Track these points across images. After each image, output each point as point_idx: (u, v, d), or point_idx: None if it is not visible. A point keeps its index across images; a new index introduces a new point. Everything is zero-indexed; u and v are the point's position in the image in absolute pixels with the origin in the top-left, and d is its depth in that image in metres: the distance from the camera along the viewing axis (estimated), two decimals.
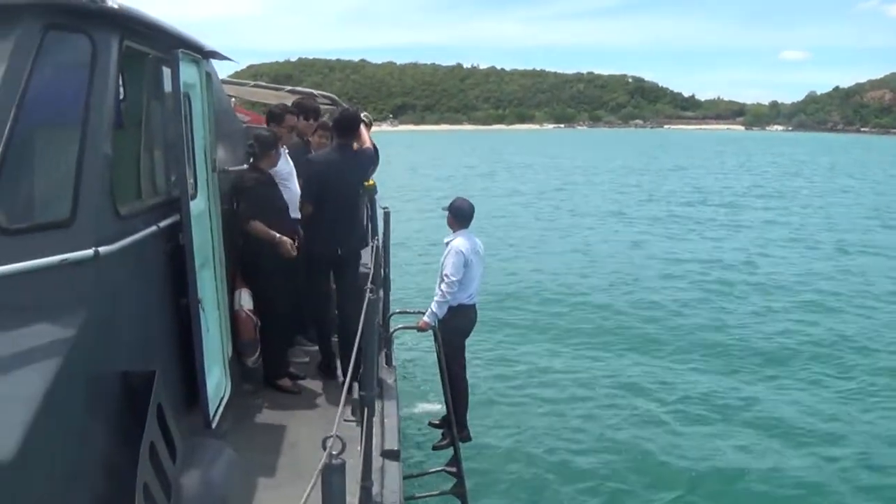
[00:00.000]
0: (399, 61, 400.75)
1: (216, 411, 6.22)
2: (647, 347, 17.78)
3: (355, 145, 8.88)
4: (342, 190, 8.56)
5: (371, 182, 10.42)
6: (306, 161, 8.79)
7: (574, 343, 18.04)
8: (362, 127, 9.13)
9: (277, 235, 7.76)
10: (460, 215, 9.23)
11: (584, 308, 21.24)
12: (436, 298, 9.00)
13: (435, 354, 9.15)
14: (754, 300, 22.30)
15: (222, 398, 6.52)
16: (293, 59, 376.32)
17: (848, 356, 17.11)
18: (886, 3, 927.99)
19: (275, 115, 8.97)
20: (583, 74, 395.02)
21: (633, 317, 20.41)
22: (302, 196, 8.50)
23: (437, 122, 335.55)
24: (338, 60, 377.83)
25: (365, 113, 10.71)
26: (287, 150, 8.80)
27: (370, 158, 9.23)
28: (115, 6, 4.68)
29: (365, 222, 10.56)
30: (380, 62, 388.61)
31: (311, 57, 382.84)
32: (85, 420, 4.12)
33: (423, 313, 9.20)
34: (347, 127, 8.72)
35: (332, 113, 12.68)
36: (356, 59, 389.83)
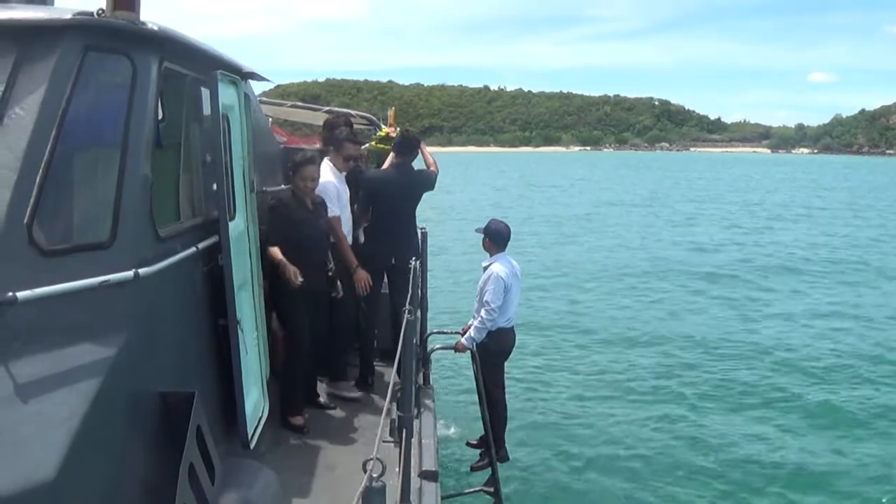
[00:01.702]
0: (426, 83, 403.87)
1: (254, 432, 6.19)
2: (687, 366, 17.76)
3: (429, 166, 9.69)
4: (396, 205, 9.16)
5: None
6: (363, 178, 9.29)
7: (614, 363, 18.01)
8: (425, 149, 9.72)
9: (283, 261, 7.38)
10: (498, 238, 9.14)
11: (623, 327, 21.28)
12: (475, 324, 8.94)
13: (472, 374, 9.12)
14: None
15: (260, 419, 6.50)
16: (321, 79, 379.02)
17: None
18: None
19: (336, 142, 8.94)
20: (609, 97, 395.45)
21: (673, 335, 20.46)
22: (357, 209, 9.19)
23: (463, 144, 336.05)
24: (365, 81, 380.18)
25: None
26: (344, 174, 8.93)
27: (429, 179, 9.57)
28: (155, 28, 4.70)
29: None
30: (407, 83, 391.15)
31: (338, 77, 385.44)
32: (124, 441, 4.13)
33: (461, 333, 9.20)
34: (407, 147, 9.31)
35: (362, 132, 12.74)
36: (384, 79, 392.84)
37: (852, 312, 23.76)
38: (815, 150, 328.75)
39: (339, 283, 8.40)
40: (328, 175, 8.49)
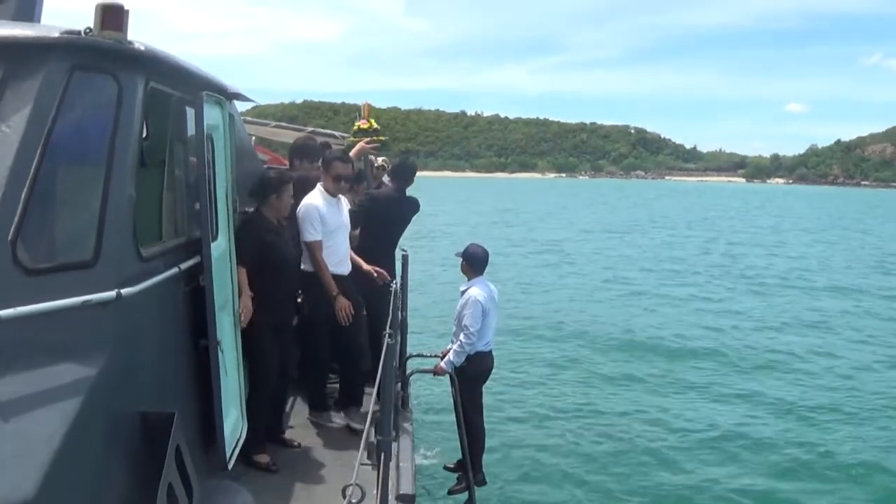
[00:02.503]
0: (403, 106, 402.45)
1: (233, 453, 6.17)
2: (662, 386, 17.91)
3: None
4: (391, 230, 9.32)
5: None
6: (369, 197, 9.25)
7: (590, 385, 18.02)
8: None
9: (244, 292, 6.86)
10: (475, 262, 9.18)
11: (600, 350, 21.38)
12: (454, 348, 8.95)
13: (451, 397, 9.11)
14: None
15: (239, 440, 6.48)
16: (298, 100, 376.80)
17: None
18: (889, 57, 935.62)
19: (325, 162, 8.43)
20: (586, 124, 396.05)
21: (649, 356, 20.65)
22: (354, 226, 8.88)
23: (439, 169, 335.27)
24: (342, 104, 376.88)
25: (384, 158, 10.94)
26: (338, 198, 8.48)
27: (418, 207, 9.69)
28: (141, 48, 4.71)
29: None
30: (384, 107, 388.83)
31: (316, 100, 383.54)
32: (104, 461, 4.12)
33: (440, 356, 9.19)
34: (407, 174, 9.52)
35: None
36: (361, 102, 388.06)
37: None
38: (791, 181, 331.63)
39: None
40: (316, 199, 8.19)
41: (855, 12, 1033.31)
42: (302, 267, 8.06)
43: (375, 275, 8.67)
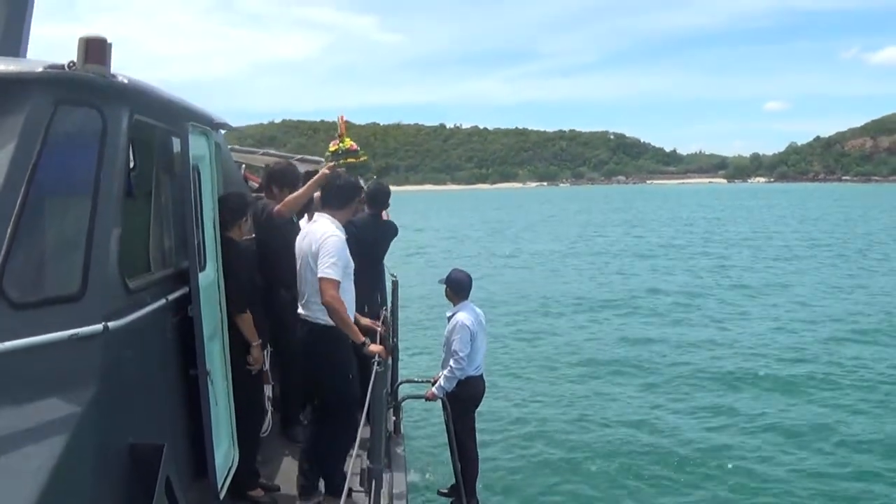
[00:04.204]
0: (382, 122, 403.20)
1: (224, 482, 6.14)
2: (660, 403, 17.72)
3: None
4: (371, 255, 9.02)
5: None
6: (348, 222, 8.00)
7: (585, 406, 17.77)
8: None
9: (255, 341, 6.79)
10: (459, 288, 9.27)
11: (594, 370, 21.03)
12: (445, 374, 8.98)
13: (443, 421, 9.09)
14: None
15: (230, 469, 6.44)
16: (277, 120, 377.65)
17: None
18: (867, 51, 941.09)
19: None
20: (565, 132, 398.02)
21: (644, 371, 20.46)
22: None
23: (420, 183, 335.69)
24: (321, 122, 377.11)
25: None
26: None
27: (396, 231, 9.69)
28: (125, 81, 4.72)
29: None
30: (363, 123, 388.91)
31: (294, 119, 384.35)
32: (94, 494, 4.09)
33: (431, 381, 9.20)
34: (382, 200, 9.50)
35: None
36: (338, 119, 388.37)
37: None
38: (772, 179, 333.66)
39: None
40: (338, 233, 6.99)
41: (831, 7, 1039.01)
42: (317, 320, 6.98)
43: (378, 329, 7.89)
